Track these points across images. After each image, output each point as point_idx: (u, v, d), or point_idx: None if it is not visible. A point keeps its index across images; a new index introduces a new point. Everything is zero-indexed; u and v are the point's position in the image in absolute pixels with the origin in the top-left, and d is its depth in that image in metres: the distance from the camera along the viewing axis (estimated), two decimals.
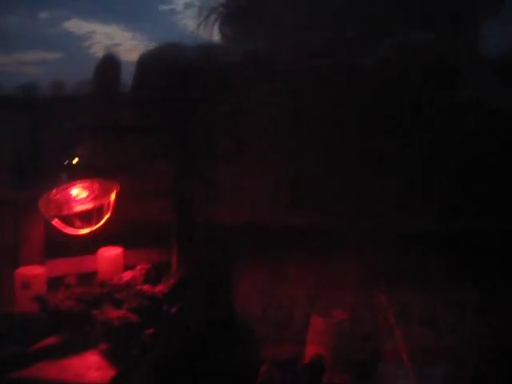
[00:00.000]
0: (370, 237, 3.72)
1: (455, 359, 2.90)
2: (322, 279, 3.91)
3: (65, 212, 3.29)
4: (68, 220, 3.28)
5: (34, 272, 3.24)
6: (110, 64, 4.03)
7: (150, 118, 3.69)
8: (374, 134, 3.72)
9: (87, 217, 3.30)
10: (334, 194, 3.81)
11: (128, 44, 5.80)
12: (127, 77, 4.12)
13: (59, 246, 3.46)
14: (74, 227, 3.29)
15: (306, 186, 3.88)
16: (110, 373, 2.64)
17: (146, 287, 3.20)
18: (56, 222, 3.27)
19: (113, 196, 3.37)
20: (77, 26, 5.87)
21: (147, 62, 3.97)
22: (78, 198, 3.36)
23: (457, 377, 2.79)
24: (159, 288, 3.20)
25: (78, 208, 3.34)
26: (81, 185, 3.39)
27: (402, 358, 2.86)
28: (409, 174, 3.74)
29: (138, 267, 3.41)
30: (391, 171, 3.72)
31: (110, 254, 3.51)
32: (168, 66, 3.75)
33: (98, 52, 5.49)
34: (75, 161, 3.59)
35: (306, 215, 3.82)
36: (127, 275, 3.32)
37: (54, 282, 3.30)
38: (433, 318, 3.37)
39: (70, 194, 3.36)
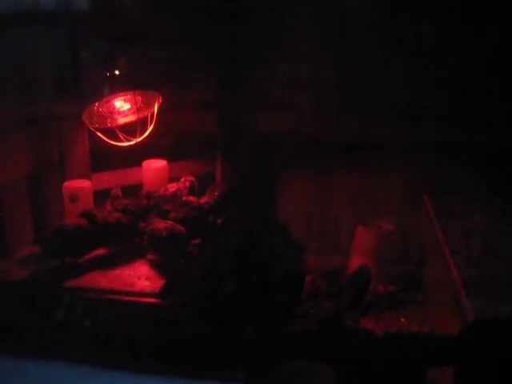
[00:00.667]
0: (418, 148, 3.64)
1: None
2: (369, 190, 3.87)
3: (108, 124, 3.28)
4: (112, 133, 3.28)
5: (81, 185, 3.27)
6: None
7: (193, 27, 3.59)
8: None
9: (131, 129, 3.29)
10: (383, 103, 3.72)
11: None
12: None
13: (104, 160, 3.47)
14: (118, 140, 3.28)
15: (353, 95, 3.78)
16: (159, 282, 2.68)
17: (191, 198, 3.20)
18: (100, 135, 3.27)
19: (156, 108, 3.33)
20: None
21: None
22: (121, 110, 3.34)
23: None
24: (204, 199, 3.21)
25: (122, 120, 3.33)
26: (123, 97, 3.36)
27: (448, 268, 2.83)
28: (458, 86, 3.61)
29: (182, 179, 3.41)
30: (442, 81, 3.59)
31: (155, 166, 3.51)
32: None
33: None
34: (117, 72, 3.53)
35: (353, 125, 3.75)
36: (172, 187, 3.33)
37: (101, 195, 3.33)
38: (478, 228, 3.31)
39: (114, 106, 3.34)
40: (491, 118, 3.59)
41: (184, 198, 3.19)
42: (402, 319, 3.44)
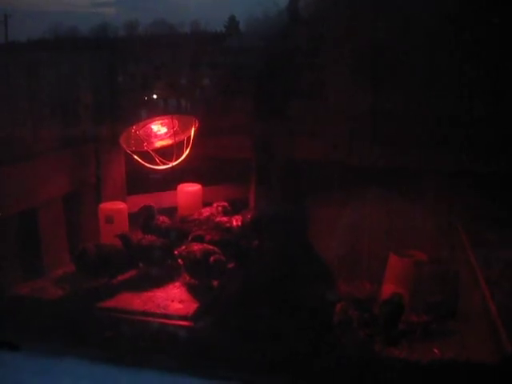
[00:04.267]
0: (453, 176, 3.62)
1: None
2: (401, 218, 3.85)
3: (145, 147, 3.32)
4: (149, 156, 3.31)
5: (117, 207, 3.31)
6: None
7: (229, 54, 3.65)
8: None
9: (167, 153, 3.32)
10: (415, 131, 3.72)
11: None
12: (203, 13, 4.08)
13: (140, 183, 3.51)
14: (155, 163, 3.32)
15: (385, 122, 3.79)
16: (192, 305, 2.69)
17: (224, 219, 3.22)
18: (137, 158, 3.31)
19: (192, 132, 3.37)
20: None
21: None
22: (158, 133, 3.38)
23: None
24: (236, 222, 3.22)
25: (158, 144, 3.37)
26: (160, 121, 3.40)
27: (483, 298, 2.80)
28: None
29: (215, 204, 3.43)
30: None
31: (190, 190, 3.54)
32: None
33: None
34: (155, 97, 3.60)
35: (385, 151, 3.75)
36: (206, 211, 3.35)
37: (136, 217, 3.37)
38: None
39: (151, 130, 3.38)
40: None
41: (217, 220, 3.21)
42: (435, 350, 3.39)
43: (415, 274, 3.64)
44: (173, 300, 2.76)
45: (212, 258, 2.78)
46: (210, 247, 2.86)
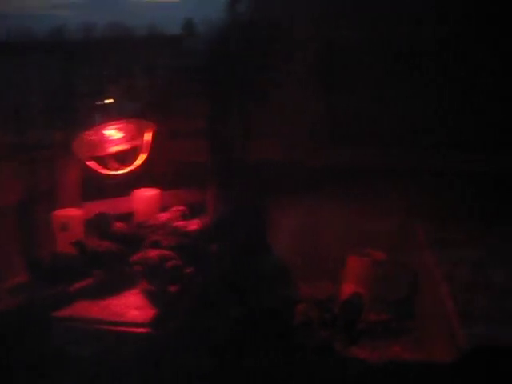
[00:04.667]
0: (409, 174, 3.66)
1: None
2: (360, 217, 3.87)
3: (100, 153, 3.28)
4: (103, 161, 3.27)
5: (72, 214, 3.25)
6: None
7: (185, 57, 3.63)
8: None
9: (123, 158, 3.28)
10: (372, 131, 3.75)
11: None
12: (162, 16, 4.05)
13: (96, 189, 3.46)
14: (110, 168, 3.27)
15: (343, 122, 3.81)
16: (150, 312, 2.65)
17: (181, 224, 3.19)
18: (91, 164, 3.25)
19: (148, 136, 3.33)
20: None
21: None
22: (113, 138, 3.34)
23: None
24: (194, 226, 3.19)
25: (113, 149, 3.33)
26: (116, 125, 3.36)
27: (441, 296, 2.83)
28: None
29: (173, 209, 3.40)
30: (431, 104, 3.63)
31: (147, 195, 3.50)
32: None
33: None
34: (109, 101, 3.55)
35: (344, 151, 3.77)
36: (163, 216, 3.32)
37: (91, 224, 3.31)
38: (472, 256, 3.31)
39: (105, 135, 3.33)
40: (486, 144, 3.63)
41: (174, 225, 3.18)
42: (395, 348, 3.42)
43: (374, 273, 3.67)
44: (130, 307, 2.71)
45: (169, 264, 2.75)
46: (167, 252, 2.83)
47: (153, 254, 2.81)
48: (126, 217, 3.40)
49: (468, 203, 3.62)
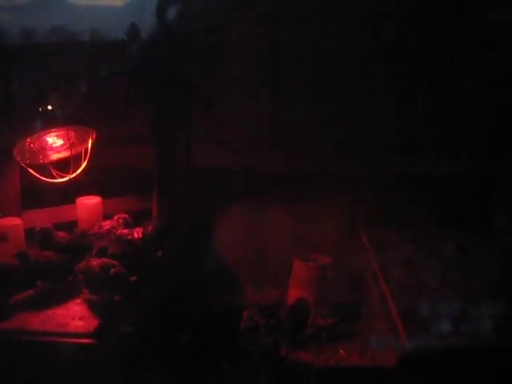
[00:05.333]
0: (352, 179, 3.72)
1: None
2: (305, 222, 3.90)
3: (40, 160, 3.21)
4: (44, 169, 3.20)
5: (12, 223, 3.16)
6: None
7: (128, 62, 3.59)
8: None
9: (64, 165, 3.22)
10: (316, 136, 3.79)
11: None
12: (105, 21, 3.99)
13: (37, 197, 3.39)
14: (51, 176, 3.20)
15: (288, 129, 3.84)
16: (93, 322, 2.60)
17: (124, 231, 3.16)
18: (32, 171, 3.18)
19: (89, 143, 3.28)
20: None
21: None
22: (54, 145, 3.27)
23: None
24: (137, 234, 3.16)
25: (54, 156, 3.26)
26: (56, 133, 3.29)
27: (384, 298, 2.87)
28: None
29: (116, 217, 3.35)
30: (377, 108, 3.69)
31: (89, 203, 3.44)
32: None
33: None
34: (50, 107, 3.48)
35: (289, 158, 3.79)
36: (106, 224, 3.27)
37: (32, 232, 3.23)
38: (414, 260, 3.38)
39: (46, 142, 3.27)
40: (426, 147, 3.71)
41: (118, 233, 3.14)
42: (341, 351, 3.45)
43: (319, 277, 3.70)
44: (73, 317, 2.66)
45: (112, 271, 2.71)
46: (110, 261, 2.79)
47: (95, 262, 2.76)
48: (69, 225, 3.33)
49: (412, 205, 3.70)
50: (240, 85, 3.71)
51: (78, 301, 2.79)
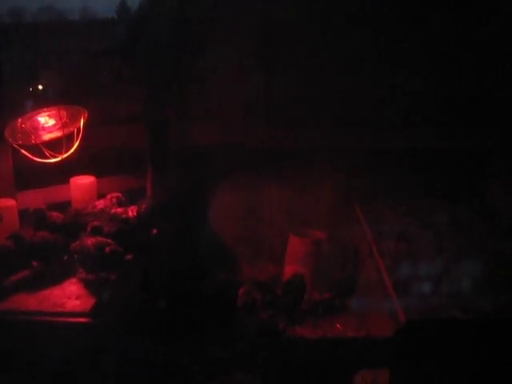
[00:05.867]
0: (346, 154, 3.71)
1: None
2: (300, 198, 3.90)
3: (33, 141, 3.19)
4: (37, 149, 3.18)
5: (6, 204, 3.15)
6: None
7: (118, 40, 3.56)
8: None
9: (57, 145, 3.20)
10: (308, 111, 3.77)
11: None
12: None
13: (31, 177, 3.37)
14: (44, 157, 3.19)
15: (280, 104, 3.82)
16: (90, 301, 2.61)
17: (119, 210, 3.16)
18: (24, 152, 3.17)
19: (81, 123, 3.26)
20: None
21: None
22: (46, 125, 3.25)
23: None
24: (132, 212, 3.15)
25: (47, 136, 3.24)
26: (48, 112, 3.26)
27: (379, 271, 2.88)
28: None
29: (109, 196, 3.34)
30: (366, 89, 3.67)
31: (83, 182, 3.42)
32: None
33: None
34: (40, 87, 3.45)
35: (281, 134, 3.78)
36: (99, 204, 3.26)
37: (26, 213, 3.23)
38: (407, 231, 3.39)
39: (38, 122, 3.24)
40: (419, 122, 3.70)
41: (112, 211, 3.14)
42: (338, 325, 3.47)
43: (315, 252, 3.70)
44: (70, 297, 2.66)
45: (107, 249, 2.72)
46: (104, 239, 2.79)
47: (89, 241, 2.76)
48: (63, 206, 3.32)
49: (408, 179, 3.70)
50: (232, 61, 3.68)
51: (74, 280, 2.80)
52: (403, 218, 3.47)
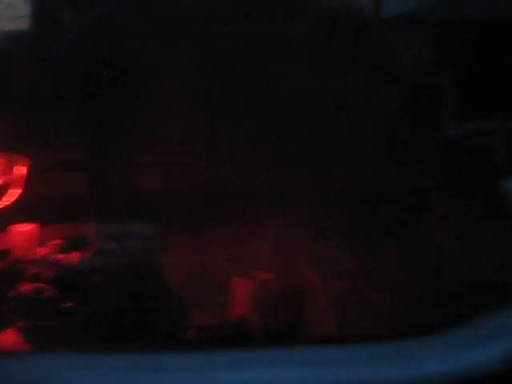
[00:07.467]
0: (295, 195, 3.75)
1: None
2: (245, 241, 3.90)
3: None
4: None
5: None
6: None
7: (59, 87, 3.56)
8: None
9: None
10: (253, 155, 3.81)
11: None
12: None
13: None
14: None
15: (225, 148, 3.86)
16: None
17: (60, 257, 3.14)
18: None
19: (22, 170, 3.25)
20: None
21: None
22: None
23: None
24: (73, 259, 3.13)
25: None
26: None
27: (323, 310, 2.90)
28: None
29: (51, 243, 3.32)
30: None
31: (23, 230, 3.40)
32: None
33: None
34: None
35: (225, 178, 3.81)
36: (41, 251, 3.24)
37: None
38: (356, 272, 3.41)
39: None
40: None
41: (53, 258, 3.12)
42: None
43: (259, 293, 3.70)
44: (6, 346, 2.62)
45: (44, 295, 2.69)
46: (41, 285, 2.76)
47: (27, 287, 2.73)
48: (2, 254, 3.28)
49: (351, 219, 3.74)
50: (173, 101, 3.71)
51: (11, 330, 2.75)
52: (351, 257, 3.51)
